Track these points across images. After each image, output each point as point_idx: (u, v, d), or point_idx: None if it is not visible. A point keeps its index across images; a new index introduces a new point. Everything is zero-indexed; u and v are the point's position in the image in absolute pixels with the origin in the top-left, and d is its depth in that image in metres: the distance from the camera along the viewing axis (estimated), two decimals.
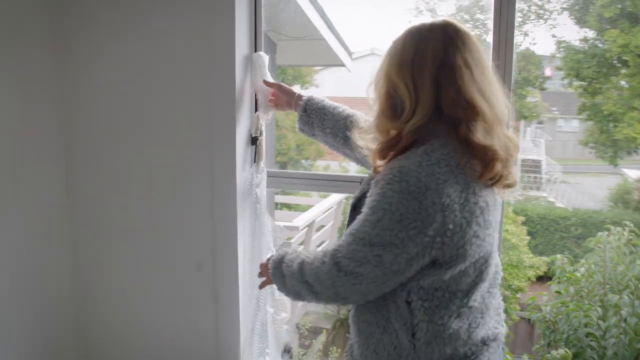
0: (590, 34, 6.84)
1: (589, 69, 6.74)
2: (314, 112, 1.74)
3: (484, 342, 1.33)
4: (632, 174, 7.59)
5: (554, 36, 7.16)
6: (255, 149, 1.92)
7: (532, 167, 8.95)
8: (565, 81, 7.50)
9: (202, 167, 1.98)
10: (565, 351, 2.98)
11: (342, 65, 5.35)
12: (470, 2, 7.19)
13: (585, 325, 3.20)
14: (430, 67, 1.25)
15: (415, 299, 1.26)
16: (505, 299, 5.83)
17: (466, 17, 7.02)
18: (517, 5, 1.74)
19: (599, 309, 3.19)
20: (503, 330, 1.40)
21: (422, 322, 1.26)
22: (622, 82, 6.86)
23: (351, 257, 1.23)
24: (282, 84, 1.86)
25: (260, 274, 1.57)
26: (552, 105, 9.90)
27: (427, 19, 1.39)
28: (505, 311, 1.48)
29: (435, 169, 1.20)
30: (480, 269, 1.27)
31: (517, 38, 7.21)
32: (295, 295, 1.40)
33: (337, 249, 1.27)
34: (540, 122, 10.03)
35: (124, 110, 2.07)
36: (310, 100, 1.77)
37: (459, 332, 1.28)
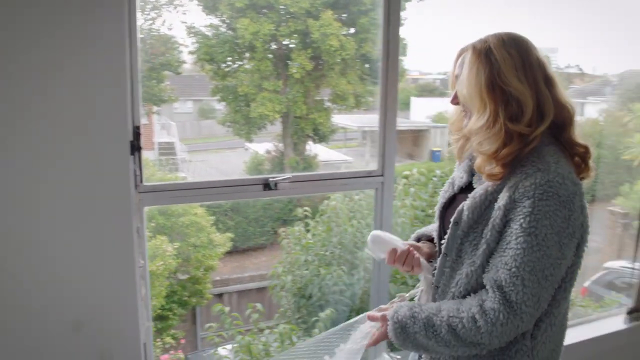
0: (216, 21, 7.34)
1: (222, 54, 7.26)
2: None
3: None
4: (260, 147, 8.60)
5: (183, 22, 7.41)
6: None
7: (167, 149, 9.08)
8: (197, 65, 7.83)
9: (74, 178, 1.44)
10: (331, 310, 3.35)
11: None
12: None
13: (335, 284, 3.65)
14: (537, 73, 1.31)
15: None
16: (198, 279, 5.90)
17: None
18: None
19: (344, 267, 3.67)
20: None
21: (541, 322, 1.32)
22: (248, 66, 7.61)
23: (534, 304, 1.23)
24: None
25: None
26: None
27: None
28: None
29: (573, 176, 1.28)
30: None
31: (157, 22, 7.20)
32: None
33: (516, 301, 1.23)
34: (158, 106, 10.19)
35: None
36: None
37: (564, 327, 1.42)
